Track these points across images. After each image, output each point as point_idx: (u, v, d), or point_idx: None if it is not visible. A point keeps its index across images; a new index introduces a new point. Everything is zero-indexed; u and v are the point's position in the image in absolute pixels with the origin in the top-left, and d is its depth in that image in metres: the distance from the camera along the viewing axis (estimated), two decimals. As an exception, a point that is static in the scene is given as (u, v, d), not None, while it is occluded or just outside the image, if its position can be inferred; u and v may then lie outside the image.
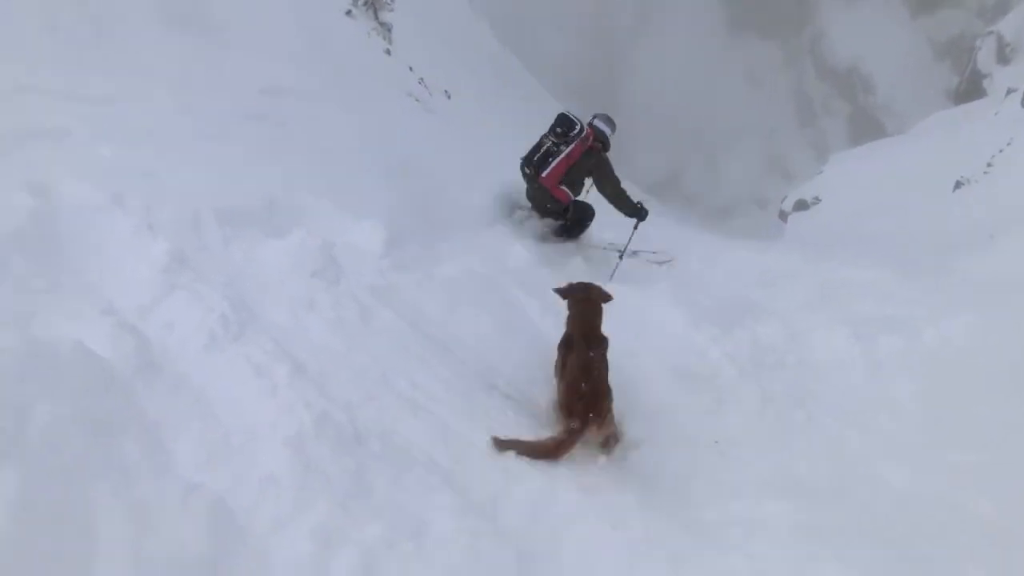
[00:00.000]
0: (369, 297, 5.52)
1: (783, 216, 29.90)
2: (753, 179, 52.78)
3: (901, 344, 7.63)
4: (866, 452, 5.77)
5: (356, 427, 3.95)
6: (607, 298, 5.31)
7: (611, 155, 8.83)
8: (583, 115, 9.01)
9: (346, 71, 11.26)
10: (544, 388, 5.31)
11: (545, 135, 8.70)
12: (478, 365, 5.42)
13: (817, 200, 27.97)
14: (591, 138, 8.66)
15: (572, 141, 8.49)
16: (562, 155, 8.45)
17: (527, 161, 8.68)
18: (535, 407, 5.12)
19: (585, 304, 5.20)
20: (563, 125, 8.53)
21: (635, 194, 9.52)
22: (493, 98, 25.22)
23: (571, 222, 9.01)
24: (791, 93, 57.49)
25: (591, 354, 4.79)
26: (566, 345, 5.09)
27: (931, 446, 5.81)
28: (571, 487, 4.13)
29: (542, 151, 8.56)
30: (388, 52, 15.31)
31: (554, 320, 6.48)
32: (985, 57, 31.49)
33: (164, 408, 3.55)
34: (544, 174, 8.50)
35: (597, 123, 8.98)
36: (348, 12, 14.45)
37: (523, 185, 9.07)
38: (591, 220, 9.14)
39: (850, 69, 51.85)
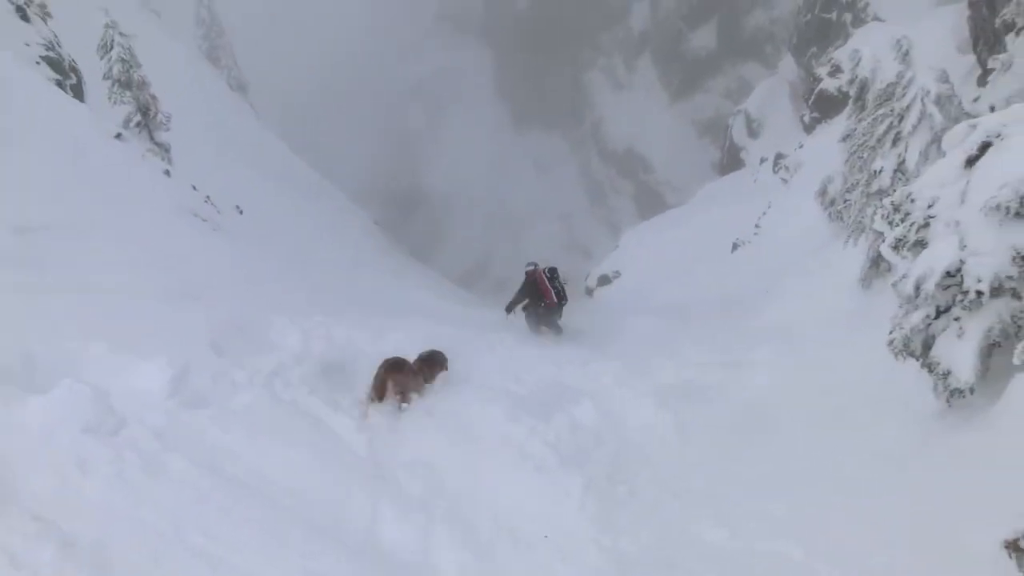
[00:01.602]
0: (155, 444, 4.98)
1: (589, 292, 31.24)
2: (556, 259, 54.80)
3: (703, 407, 8.05)
4: (685, 516, 5.91)
5: (142, 602, 3.45)
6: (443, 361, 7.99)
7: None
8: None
9: (117, 198, 10.46)
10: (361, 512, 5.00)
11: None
12: (290, 500, 5.01)
13: (617, 273, 29.54)
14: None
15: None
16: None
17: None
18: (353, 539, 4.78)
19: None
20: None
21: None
22: (290, 207, 24.73)
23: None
24: (579, 177, 61.31)
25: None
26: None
27: (741, 502, 6.04)
28: None
29: None
30: (168, 173, 14.57)
31: (367, 438, 6.22)
32: (738, 133, 35.29)
33: None
34: None
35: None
36: (118, 135, 13.66)
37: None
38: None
39: (628, 151, 56.34)
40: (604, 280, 30.08)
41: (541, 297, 12.35)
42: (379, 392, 7.04)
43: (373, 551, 4.75)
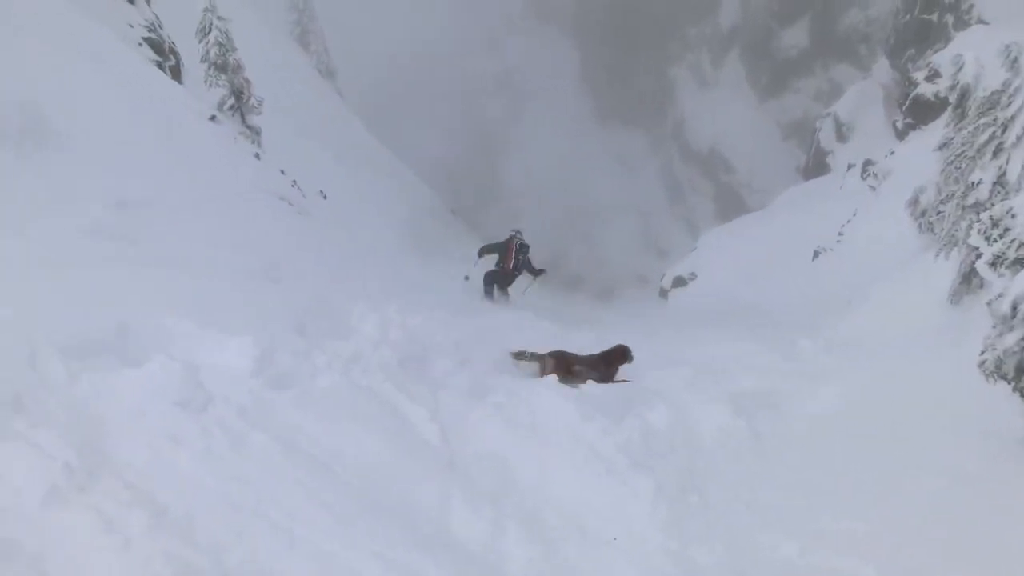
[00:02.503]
0: (240, 422, 5.15)
1: (663, 293, 30.92)
2: (632, 258, 54.78)
3: (778, 417, 7.90)
4: (756, 528, 5.82)
5: (224, 574, 3.59)
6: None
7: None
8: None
9: (210, 179, 10.89)
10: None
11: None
12: (363, 484, 5.13)
13: (693, 276, 29.16)
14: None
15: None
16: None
17: None
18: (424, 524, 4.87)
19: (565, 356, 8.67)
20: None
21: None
22: (372, 195, 25.23)
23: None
24: (660, 175, 60.64)
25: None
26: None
27: (814, 516, 5.92)
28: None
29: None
30: (257, 156, 15.07)
31: (440, 428, 6.31)
32: (826, 136, 34.26)
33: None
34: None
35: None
36: (212, 118, 14.18)
37: None
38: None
39: (711, 151, 55.41)
40: (679, 282, 29.73)
41: (503, 259, 14.19)
42: (559, 370, 8.13)
43: (442, 540, 4.83)
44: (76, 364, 4.80)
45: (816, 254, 22.00)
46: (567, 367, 8.38)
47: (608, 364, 8.78)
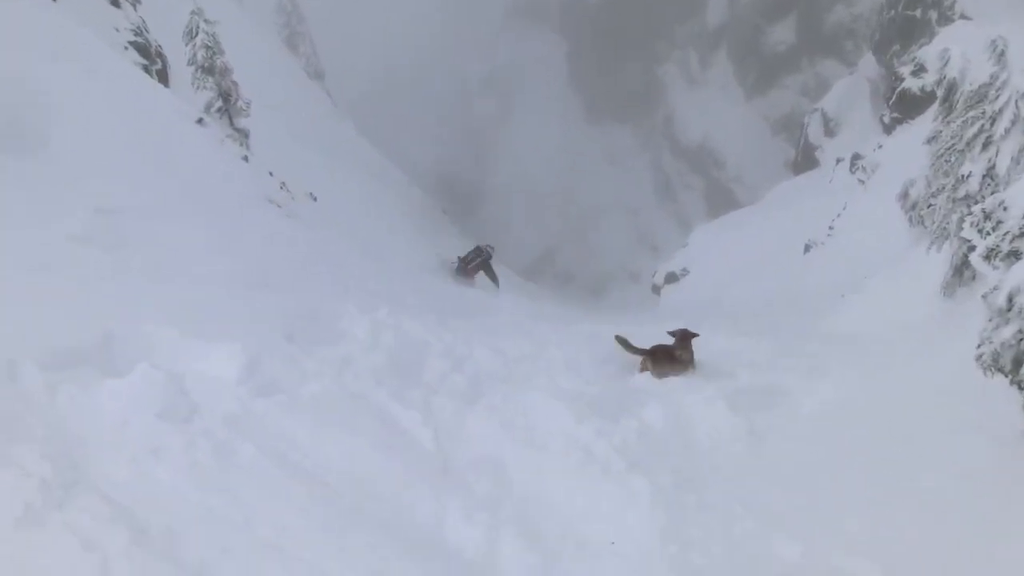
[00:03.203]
0: (227, 431, 5.03)
1: (656, 289, 30.85)
2: (623, 254, 54.74)
3: (775, 414, 7.80)
4: (757, 529, 5.72)
5: (209, 593, 3.47)
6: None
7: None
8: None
9: (196, 183, 10.70)
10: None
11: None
12: (355, 495, 5.01)
13: (685, 272, 29.09)
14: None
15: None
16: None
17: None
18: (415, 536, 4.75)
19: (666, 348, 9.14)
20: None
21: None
22: (362, 196, 25.06)
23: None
24: (650, 171, 60.49)
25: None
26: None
27: (814, 515, 5.83)
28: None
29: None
30: (246, 159, 14.89)
31: (433, 432, 6.19)
32: (814, 131, 34.21)
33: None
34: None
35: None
36: (199, 120, 14.00)
37: None
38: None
39: (700, 147, 55.31)
40: (672, 278, 29.66)
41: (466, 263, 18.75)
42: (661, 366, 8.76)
43: (438, 549, 4.71)
44: (55, 376, 4.66)
45: (807, 248, 21.96)
46: (670, 358, 8.95)
47: (684, 347, 9.17)
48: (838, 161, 28.18)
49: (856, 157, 25.88)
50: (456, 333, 9.58)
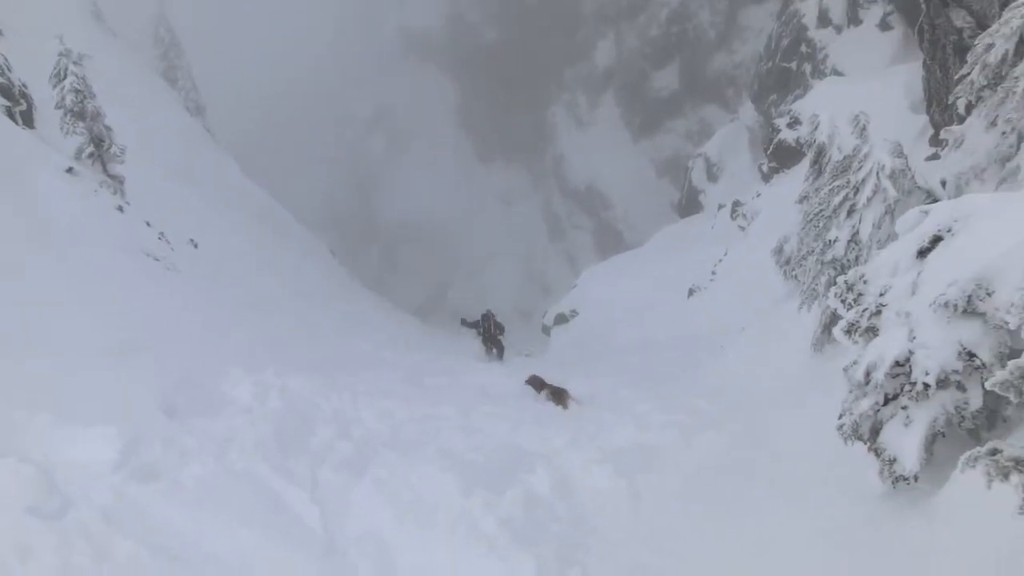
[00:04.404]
0: (104, 526, 4.81)
1: (546, 330, 31.22)
2: (514, 293, 55.33)
3: (655, 474, 8.05)
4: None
5: None
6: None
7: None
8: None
9: (63, 239, 10.14)
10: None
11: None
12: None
13: (575, 313, 29.59)
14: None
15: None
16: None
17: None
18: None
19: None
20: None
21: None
22: (247, 241, 24.31)
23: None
24: (540, 211, 61.75)
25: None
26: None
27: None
28: None
29: None
30: (120, 208, 14.22)
31: (319, 510, 6.08)
32: (698, 176, 35.82)
33: None
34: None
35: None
36: (69, 170, 13.30)
37: None
38: None
39: (589, 187, 56.96)
40: (561, 319, 30.11)
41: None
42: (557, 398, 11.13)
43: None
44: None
45: (691, 292, 22.79)
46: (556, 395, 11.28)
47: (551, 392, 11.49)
48: (720, 207, 29.47)
49: (737, 204, 27.17)
50: (343, 393, 9.44)
